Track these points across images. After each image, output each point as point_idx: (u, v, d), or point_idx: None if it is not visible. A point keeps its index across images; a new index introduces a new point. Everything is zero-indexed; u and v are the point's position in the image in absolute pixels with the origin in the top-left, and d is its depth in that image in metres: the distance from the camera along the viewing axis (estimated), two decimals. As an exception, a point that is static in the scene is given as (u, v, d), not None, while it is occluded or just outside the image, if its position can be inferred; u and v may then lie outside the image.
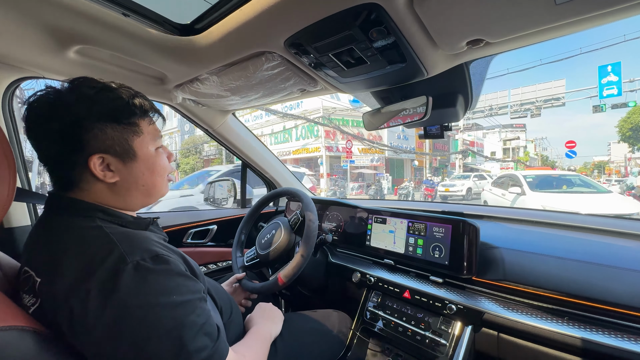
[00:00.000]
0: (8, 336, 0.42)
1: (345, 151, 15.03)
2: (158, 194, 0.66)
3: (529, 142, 42.29)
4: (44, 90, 0.54)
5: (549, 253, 0.90)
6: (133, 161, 0.59)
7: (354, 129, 17.61)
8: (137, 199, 0.62)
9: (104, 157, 0.55)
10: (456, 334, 0.84)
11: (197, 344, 0.49)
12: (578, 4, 0.49)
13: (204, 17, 0.74)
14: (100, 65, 0.90)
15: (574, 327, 0.69)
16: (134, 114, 0.58)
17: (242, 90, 1.00)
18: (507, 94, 18.57)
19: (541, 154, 45.23)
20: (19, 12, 0.66)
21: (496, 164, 30.26)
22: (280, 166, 1.68)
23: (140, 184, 0.61)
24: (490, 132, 37.44)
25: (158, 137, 0.64)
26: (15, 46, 0.79)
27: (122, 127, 0.57)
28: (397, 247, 1.10)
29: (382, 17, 0.59)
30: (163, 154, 0.66)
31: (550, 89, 17.06)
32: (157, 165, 0.63)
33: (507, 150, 39.81)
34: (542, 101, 17.27)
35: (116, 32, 0.74)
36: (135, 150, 0.59)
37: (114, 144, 0.56)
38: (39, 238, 0.56)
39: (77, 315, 0.45)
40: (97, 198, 0.58)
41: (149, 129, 0.61)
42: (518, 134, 40.12)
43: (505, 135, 39.35)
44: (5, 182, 0.55)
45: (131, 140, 0.58)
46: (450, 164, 27.24)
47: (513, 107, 18.35)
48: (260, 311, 0.89)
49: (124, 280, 0.46)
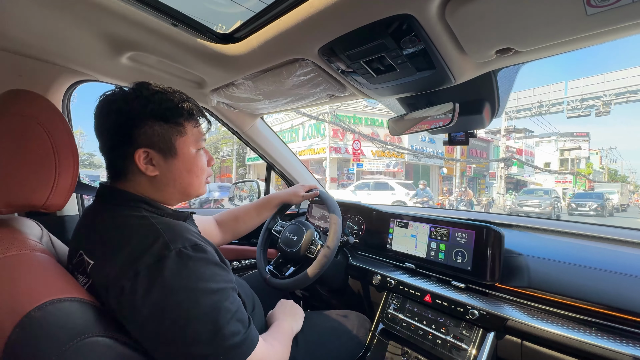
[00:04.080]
0: (71, 306, 0.48)
1: (354, 153, 13.16)
2: (194, 193, 0.70)
3: (592, 153, 35.46)
4: (110, 91, 0.62)
5: (576, 262, 0.88)
6: (173, 158, 0.64)
7: (367, 128, 15.29)
8: (174, 194, 0.67)
9: (148, 152, 0.61)
10: (478, 340, 0.83)
11: (231, 329, 0.53)
12: (609, 15, 0.50)
13: (244, 27, 0.80)
14: (147, 70, 0.98)
15: (602, 338, 0.68)
16: (181, 115, 0.64)
17: (274, 95, 1.06)
18: (564, 87, 14.68)
19: (608, 167, 37.37)
20: (82, 20, 0.73)
21: (550, 176, 26.63)
22: (304, 169, 1.73)
23: (177, 181, 0.66)
24: (544, 141, 32.75)
25: (201, 139, 0.69)
26: (76, 51, 0.88)
27: (168, 126, 0.62)
28: (418, 251, 1.11)
29: (414, 27, 0.62)
30: (203, 156, 0.70)
31: (624, 79, 12.93)
32: (195, 165, 0.68)
33: (564, 161, 33.08)
34: (612, 95, 13.51)
35: (165, 40, 0.81)
36: (177, 149, 0.64)
37: (159, 141, 0.62)
38: (91, 224, 0.63)
39: (126, 294, 0.49)
40: (140, 189, 0.63)
41: (193, 131, 0.66)
42: (579, 143, 33.54)
43: (564, 145, 32.97)
44: (70, 173, 0.62)
45: (175, 139, 0.63)
46: (489, 173, 23.97)
47: (571, 103, 14.70)
48: (282, 307, 0.92)
49: (168, 265, 0.51)
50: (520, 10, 0.54)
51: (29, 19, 0.72)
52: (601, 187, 23.77)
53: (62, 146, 0.60)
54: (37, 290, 0.47)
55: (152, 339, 0.50)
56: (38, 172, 0.57)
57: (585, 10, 0.50)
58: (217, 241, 1.06)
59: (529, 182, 25.90)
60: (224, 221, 1.09)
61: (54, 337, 0.43)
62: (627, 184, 25.72)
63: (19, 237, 0.58)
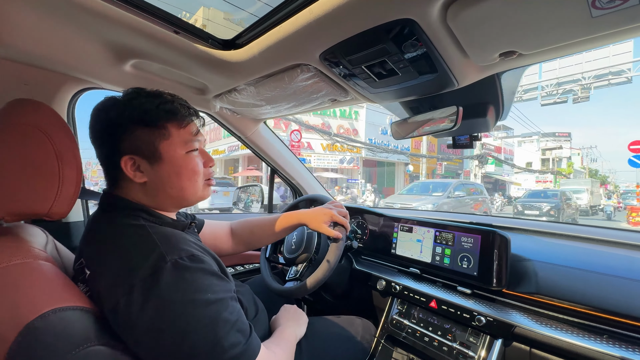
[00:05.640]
0: (73, 315, 0.48)
1: (292, 146, 10.54)
2: (190, 197, 0.67)
3: (575, 153, 35.43)
4: (103, 99, 0.62)
5: (585, 268, 0.86)
6: (160, 163, 0.62)
7: (317, 118, 13.17)
8: (167, 200, 0.65)
9: (134, 158, 0.60)
10: (485, 347, 0.82)
11: (230, 340, 0.52)
12: (615, 17, 0.49)
13: (245, 33, 0.80)
14: (150, 77, 0.99)
15: (614, 346, 0.66)
16: (161, 117, 0.61)
17: (276, 100, 1.06)
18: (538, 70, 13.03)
19: (589, 167, 36.85)
20: (85, 30, 0.74)
21: (530, 175, 25.63)
22: (307, 173, 1.72)
23: (167, 186, 0.63)
24: (527, 140, 32.44)
25: (192, 140, 0.65)
26: (80, 60, 0.89)
27: (150, 130, 0.60)
28: (423, 256, 1.09)
29: (415, 31, 0.62)
30: (196, 157, 0.66)
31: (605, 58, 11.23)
32: (185, 168, 0.64)
33: (546, 161, 33.42)
34: (592, 77, 11.83)
35: (168, 48, 0.81)
36: (162, 153, 0.61)
37: (142, 146, 0.60)
38: (91, 233, 0.63)
39: (121, 307, 0.48)
40: (135, 197, 0.63)
41: (179, 132, 0.63)
42: (561, 143, 33.78)
43: (546, 144, 33.31)
44: (74, 181, 0.62)
45: (158, 142, 0.61)
46: (464, 171, 21.83)
47: (545, 88, 13.06)
48: (286, 313, 0.91)
49: (164, 277, 0.50)
50: (523, 13, 0.53)
51: (35, 30, 0.73)
52: (567, 184, 19.96)
53: (65, 154, 0.60)
54: (39, 299, 0.47)
55: (149, 352, 0.50)
56: (41, 180, 0.57)
57: (590, 12, 0.49)
58: (226, 250, 1.02)
59: (508, 182, 24.72)
60: (239, 233, 1.05)
61: (56, 347, 0.43)
62: (597, 181, 22.38)
63: (24, 245, 0.58)
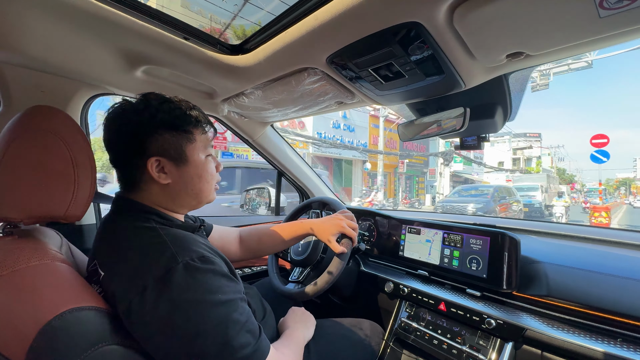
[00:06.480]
0: (88, 314, 0.49)
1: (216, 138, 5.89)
2: (205, 199, 0.71)
3: (544, 153, 36.77)
4: (119, 103, 0.64)
5: (597, 270, 0.85)
6: (185, 165, 0.65)
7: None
8: (186, 201, 0.69)
9: (160, 160, 0.62)
10: (496, 350, 0.81)
11: (240, 341, 0.53)
12: (623, 17, 0.49)
13: (253, 38, 0.82)
14: (161, 82, 1.01)
15: (629, 350, 0.65)
16: (190, 122, 0.65)
17: (283, 103, 1.07)
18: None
19: (557, 167, 38.73)
20: (99, 38, 0.77)
21: (501, 175, 25.02)
22: (314, 175, 1.73)
23: (189, 188, 0.67)
24: (499, 140, 32.79)
25: (209, 145, 0.71)
26: (93, 66, 0.91)
27: (178, 134, 0.64)
28: (431, 258, 1.09)
29: (422, 34, 0.62)
30: (212, 162, 0.72)
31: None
32: (205, 171, 0.69)
33: (517, 160, 34.82)
34: (550, 63, 11.02)
35: (177, 53, 0.83)
36: (188, 156, 0.65)
37: (169, 148, 0.63)
38: (105, 235, 0.64)
39: (134, 307, 0.50)
40: (152, 199, 0.65)
41: (201, 138, 0.68)
42: (531, 143, 35.12)
43: (517, 144, 34.69)
44: (88, 184, 0.64)
45: (185, 146, 0.65)
46: (429, 170, 20.78)
47: None
48: (294, 315, 0.92)
49: (175, 277, 0.51)
50: (530, 14, 0.53)
51: (51, 39, 0.75)
52: (521, 180, 17.85)
53: (81, 159, 0.62)
54: (57, 299, 0.49)
55: (161, 352, 0.51)
56: (58, 184, 0.59)
57: (597, 12, 0.49)
58: (233, 257, 1.02)
59: (478, 181, 24.02)
60: (247, 241, 1.05)
61: (73, 345, 0.44)
62: (556, 178, 21.32)
63: (41, 247, 0.60)
